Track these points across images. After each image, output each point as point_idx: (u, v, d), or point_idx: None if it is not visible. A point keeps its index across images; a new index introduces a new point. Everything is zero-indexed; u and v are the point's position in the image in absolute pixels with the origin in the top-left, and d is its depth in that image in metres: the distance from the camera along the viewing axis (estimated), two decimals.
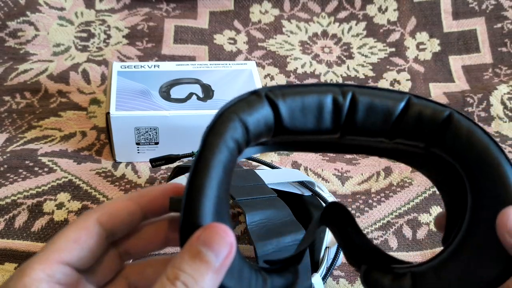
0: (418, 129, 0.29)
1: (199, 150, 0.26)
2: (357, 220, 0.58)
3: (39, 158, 0.62)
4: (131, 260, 0.32)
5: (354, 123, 0.30)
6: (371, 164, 0.65)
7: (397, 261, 0.32)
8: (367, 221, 0.58)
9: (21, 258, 0.52)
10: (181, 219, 0.25)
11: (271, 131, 0.29)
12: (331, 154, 0.67)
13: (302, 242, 0.32)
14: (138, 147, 0.61)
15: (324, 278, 0.47)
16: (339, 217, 0.32)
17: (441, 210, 0.60)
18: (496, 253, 0.28)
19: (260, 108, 0.28)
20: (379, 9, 0.88)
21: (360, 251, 0.32)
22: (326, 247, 0.49)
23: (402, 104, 0.29)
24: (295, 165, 0.64)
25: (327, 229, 0.50)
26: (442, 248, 0.31)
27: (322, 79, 0.80)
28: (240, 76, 0.65)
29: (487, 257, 0.28)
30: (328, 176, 0.63)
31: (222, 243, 0.24)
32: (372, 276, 0.31)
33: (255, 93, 0.28)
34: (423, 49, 0.85)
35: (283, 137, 0.30)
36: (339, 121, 0.29)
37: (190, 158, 0.59)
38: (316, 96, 0.29)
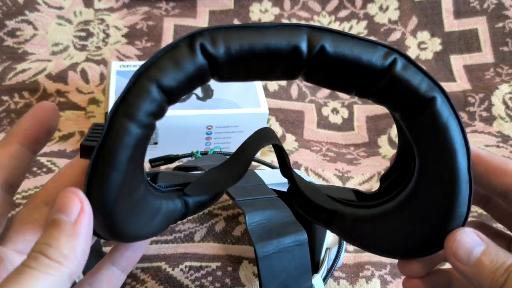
0: (393, 97, 0.27)
1: (104, 129, 0.24)
2: None
3: (38, 158, 0.61)
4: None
5: (318, 76, 0.26)
6: (372, 164, 0.65)
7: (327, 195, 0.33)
8: None
9: None
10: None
11: (206, 78, 0.26)
12: (332, 154, 0.67)
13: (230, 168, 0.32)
14: None
15: (324, 279, 0.47)
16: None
17: None
18: (434, 216, 0.27)
19: (190, 66, 0.24)
20: (380, 8, 0.88)
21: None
22: (327, 248, 0.49)
23: (385, 64, 0.26)
24: (295, 165, 0.64)
25: (328, 230, 0.49)
26: None
27: None
28: None
29: (425, 225, 0.28)
30: (329, 176, 0.63)
31: (70, 203, 0.23)
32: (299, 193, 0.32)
33: (187, 40, 0.24)
34: (424, 49, 0.85)
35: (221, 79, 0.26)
36: (296, 74, 0.26)
37: (190, 158, 0.59)
38: (272, 43, 0.24)
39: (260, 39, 0.24)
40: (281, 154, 0.33)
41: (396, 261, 0.54)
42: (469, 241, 0.27)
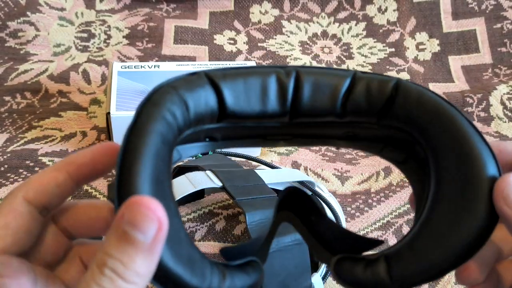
0: (367, 104, 0.28)
1: (133, 120, 0.24)
2: (357, 220, 0.58)
3: (40, 158, 0.62)
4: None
5: (301, 103, 0.28)
6: (371, 164, 0.65)
7: (371, 242, 0.29)
8: (366, 221, 0.58)
9: None
10: (116, 195, 0.23)
11: (214, 115, 0.27)
12: (331, 154, 0.68)
13: (259, 236, 0.29)
14: None
15: (324, 278, 0.47)
16: (299, 205, 0.29)
17: None
18: (468, 211, 0.26)
19: (200, 88, 0.26)
20: (379, 9, 0.88)
21: (328, 241, 0.29)
22: None
23: (348, 81, 0.28)
24: (295, 165, 0.64)
25: None
26: None
27: None
28: None
29: (459, 218, 0.26)
30: (328, 176, 0.63)
31: (148, 220, 0.21)
32: (344, 268, 0.28)
33: (194, 74, 0.26)
34: (423, 49, 0.85)
35: (229, 123, 0.28)
36: (285, 102, 0.28)
37: (190, 158, 0.59)
38: (259, 77, 0.27)
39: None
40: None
41: None
42: None
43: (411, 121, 0.28)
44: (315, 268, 0.48)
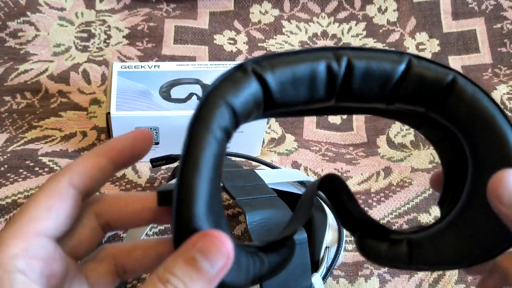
0: (418, 94, 0.28)
1: (185, 143, 0.24)
2: None
3: (40, 158, 0.62)
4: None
5: (350, 90, 0.28)
6: (371, 164, 0.65)
7: (390, 230, 0.31)
8: None
9: None
10: (174, 223, 0.24)
11: (261, 107, 0.27)
12: (331, 154, 0.68)
13: (297, 217, 0.31)
14: None
15: (324, 278, 0.47)
16: (334, 186, 0.31)
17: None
18: (495, 226, 0.26)
19: (247, 86, 0.26)
20: (379, 9, 0.88)
21: (355, 220, 0.32)
22: (326, 247, 0.49)
23: (401, 67, 0.27)
24: (295, 165, 0.64)
25: (327, 229, 0.50)
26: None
27: None
28: None
29: (485, 230, 0.27)
30: None
31: (219, 254, 0.23)
32: (368, 243, 0.31)
33: (240, 67, 0.26)
34: (423, 50, 0.86)
35: (274, 111, 0.28)
36: (333, 89, 0.27)
37: None
38: (308, 65, 0.27)
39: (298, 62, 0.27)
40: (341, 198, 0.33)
41: None
42: None
43: (458, 124, 0.28)
44: (315, 268, 0.48)
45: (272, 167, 0.58)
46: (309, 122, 0.74)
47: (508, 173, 0.25)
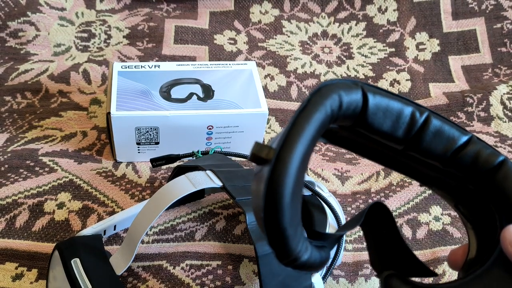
0: (472, 166, 0.32)
1: (303, 104, 0.28)
2: None
3: (40, 158, 0.62)
4: None
5: (421, 140, 0.32)
6: (371, 164, 0.65)
7: (426, 271, 0.33)
8: None
9: (21, 257, 0.52)
10: (272, 163, 0.26)
11: (354, 118, 0.31)
12: (331, 154, 0.68)
13: (341, 230, 0.33)
14: (138, 147, 0.62)
15: (324, 278, 0.47)
16: (379, 218, 0.34)
17: (440, 209, 0.60)
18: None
19: (355, 93, 0.30)
20: (379, 9, 0.88)
21: (389, 255, 0.34)
22: None
23: (465, 138, 0.32)
24: None
25: (328, 229, 0.50)
26: (442, 249, 0.32)
27: (322, 79, 0.80)
28: (240, 76, 0.65)
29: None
30: (328, 175, 0.63)
31: None
32: (392, 284, 0.33)
33: (354, 82, 0.31)
34: (423, 49, 0.86)
35: (358, 130, 0.32)
36: (409, 133, 0.32)
37: (190, 158, 0.59)
38: (400, 103, 0.32)
39: (393, 100, 0.32)
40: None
41: None
42: None
43: (502, 199, 0.32)
44: None
45: None
46: None
47: None
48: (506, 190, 0.31)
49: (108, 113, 0.58)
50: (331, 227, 0.51)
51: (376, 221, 0.34)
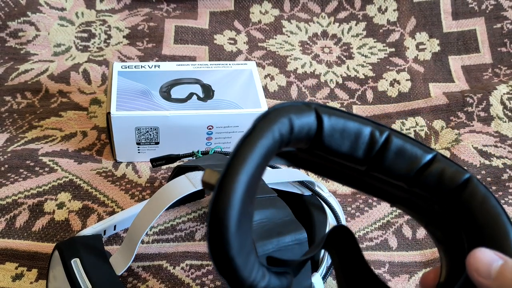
0: (437, 184, 0.31)
1: (248, 131, 0.27)
2: (357, 220, 0.58)
3: (40, 158, 0.62)
4: None
5: (383, 160, 0.31)
6: None
7: None
8: (367, 221, 0.58)
9: (22, 257, 0.52)
10: (214, 193, 0.25)
11: (309, 141, 0.30)
12: None
13: (305, 256, 0.33)
14: (138, 147, 0.62)
15: (324, 278, 0.47)
16: (343, 242, 0.33)
17: None
18: None
19: (307, 116, 0.29)
20: (379, 9, 0.88)
21: (353, 277, 0.33)
22: None
23: (429, 156, 0.31)
24: None
25: (327, 229, 0.50)
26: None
27: (322, 79, 0.80)
28: (240, 76, 0.65)
29: None
30: None
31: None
32: None
33: (306, 104, 0.30)
34: (423, 49, 0.86)
35: (316, 152, 0.31)
36: (370, 153, 0.31)
37: (190, 158, 0.59)
38: (357, 124, 0.31)
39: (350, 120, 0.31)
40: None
41: (395, 259, 0.55)
42: (487, 257, 0.29)
43: (468, 218, 0.30)
44: (315, 268, 0.48)
45: (272, 167, 0.58)
46: None
47: (480, 250, 0.29)
48: (471, 210, 0.30)
49: (108, 113, 0.58)
50: (331, 227, 0.51)
51: (339, 243, 0.33)
